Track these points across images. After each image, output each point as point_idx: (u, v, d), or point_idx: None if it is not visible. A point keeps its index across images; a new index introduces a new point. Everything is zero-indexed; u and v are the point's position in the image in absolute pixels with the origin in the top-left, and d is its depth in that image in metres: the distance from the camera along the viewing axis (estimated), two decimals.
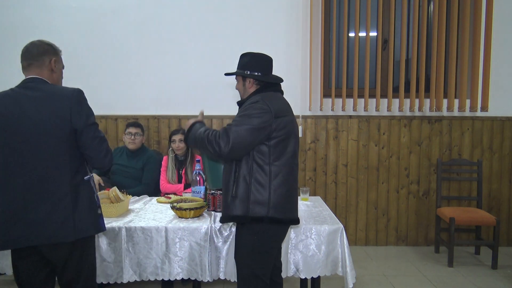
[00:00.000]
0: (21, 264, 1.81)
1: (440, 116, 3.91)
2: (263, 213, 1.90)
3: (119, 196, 2.50)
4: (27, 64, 1.80)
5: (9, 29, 3.82)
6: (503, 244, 3.93)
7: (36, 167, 1.69)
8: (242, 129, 1.85)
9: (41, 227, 1.69)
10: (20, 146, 1.68)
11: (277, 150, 1.92)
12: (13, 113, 1.69)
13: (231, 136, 1.83)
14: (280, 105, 1.97)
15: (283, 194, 1.93)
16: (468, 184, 3.96)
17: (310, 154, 3.95)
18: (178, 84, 3.87)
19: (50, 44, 1.86)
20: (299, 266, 2.30)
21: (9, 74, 3.84)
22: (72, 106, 1.71)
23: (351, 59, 3.90)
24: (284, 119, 1.94)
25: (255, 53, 2.10)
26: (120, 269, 2.25)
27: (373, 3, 3.85)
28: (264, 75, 2.06)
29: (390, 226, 4.00)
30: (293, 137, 1.99)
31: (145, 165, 3.35)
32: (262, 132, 1.88)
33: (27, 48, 1.82)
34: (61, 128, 1.70)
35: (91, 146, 1.77)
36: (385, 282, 3.14)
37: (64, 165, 1.72)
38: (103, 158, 1.81)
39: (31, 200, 1.69)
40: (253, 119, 1.87)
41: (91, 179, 1.85)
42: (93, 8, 3.81)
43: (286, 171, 1.94)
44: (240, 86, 2.12)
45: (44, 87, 1.75)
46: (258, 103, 1.91)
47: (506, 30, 3.82)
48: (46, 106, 1.69)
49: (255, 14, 3.82)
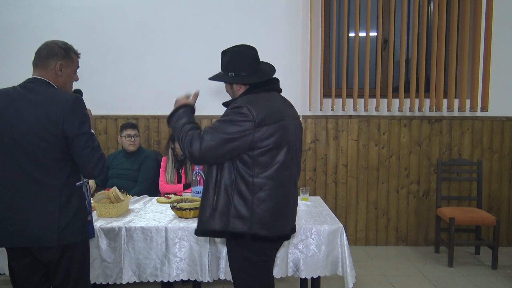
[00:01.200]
0: (15, 265, 1.80)
1: (440, 116, 3.91)
2: (245, 229, 1.73)
3: (119, 196, 2.50)
4: (34, 64, 1.79)
5: (9, 29, 3.82)
6: (503, 244, 3.93)
7: (26, 169, 1.67)
8: (217, 137, 1.67)
9: (25, 229, 1.68)
10: (11, 147, 1.67)
11: (262, 161, 1.72)
12: (7, 113, 1.68)
13: (204, 143, 1.67)
14: (268, 109, 1.73)
15: (268, 209, 1.74)
16: (468, 184, 3.96)
17: (310, 154, 3.95)
18: (178, 84, 3.85)
19: (63, 48, 1.83)
20: (299, 266, 2.30)
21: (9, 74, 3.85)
22: (66, 112, 1.67)
23: (351, 59, 3.90)
24: (271, 126, 1.71)
25: (236, 50, 1.86)
26: (120, 270, 2.25)
27: (373, 3, 3.85)
28: (251, 73, 1.83)
29: (390, 226, 4.00)
30: (284, 146, 1.76)
31: (141, 164, 3.36)
32: (238, 141, 1.68)
33: (39, 49, 1.80)
34: (52, 133, 1.66)
35: (81, 155, 1.72)
36: (385, 282, 3.14)
37: (54, 169, 1.70)
38: (92, 169, 1.75)
39: (19, 201, 1.68)
40: (230, 127, 1.68)
41: (84, 185, 1.81)
42: (93, 8, 3.81)
43: (273, 184, 1.74)
44: (228, 89, 1.93)
45: (43, 90, 1.72)
46: (241, 109, 1.70)
47: (506, 30, 3.82)
48: (40, 109, 1.67)
49: (255, 14, 3.82)
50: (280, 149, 1.75)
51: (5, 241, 1.71)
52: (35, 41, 3.88)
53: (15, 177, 1.68)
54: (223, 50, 1.90)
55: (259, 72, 1.86)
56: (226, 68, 1.86)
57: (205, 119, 3.90)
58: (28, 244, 1.70)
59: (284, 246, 2.26)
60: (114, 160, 3.42)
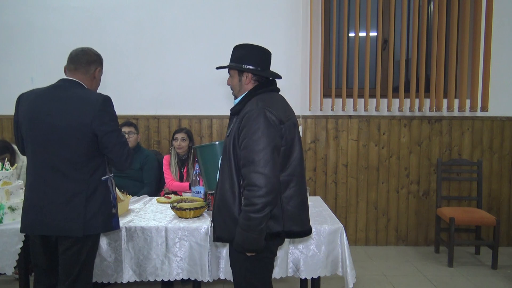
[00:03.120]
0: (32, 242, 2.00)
1: (440, 116, 3.91)
2: (279, 228, 1.74)
3: (119, 196, 2.50)
4: (74, 68, 1.95)
5: (9, 29, 3.83)
6: (503, 244, 3.93)
7: (56, 164, 1.83)
8: (263, 154, 1.62)
9: (55, 219, 1.84)
10: (44, 143, 1.84)
11: (283, 159, 1.73)
12: (41, 111, 1.84)
13: (260, 169, 1.60)
14: (281, 108, 1.77)
15: (296, 205, 1.77)
16: (468, 184, 3.96)
17: (310, 154, 3.95)
18: (178, 84, 3.87)
19: (98, 55, 2.03)
20: (299, 266, 2.30)
21: (9, 74, 3.85)
22: (95, 112, 1.83)
23: (351, 59, 3.90)
24: (286, 124, 1.74)
25: (253, 45, 1.86)
26: (120, 269, 2.25)
27: (373, 3, 3.85)
28: (263, 70, 1.84)
29: (390, 226, 4.00)
30: (297, 142, 1.80)
31: (143, 165, 3.35)
32: (277, 142, 1.67)
33: (76, 54, 1.96)
34: (82, 131, 1.82)
35: (113, 150, 1.90)
36: (385, 282, 3.14)
37: (82, 165, 1.85)
38: (124, 162, 1.94)
39: (50, 193, 1.84)
40: (263, 139, 1.63)
41: (109, 179, 1.96)
42: (93, 8, 3.81)
43: (296, 180, 1.78)
44: (236, 81, 1.88)
45: (76, 90, 1.89)
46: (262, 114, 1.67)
47: (506, 30, 3.82)
48: (71, 108, 1.83)
49: (255, 14, 3.82)
50: (295, 145, 1.79)
51: (35, 229, 1.89)
52: (35, 41, 3.95)
53: (46, 171, 1.84)
54: (237, 44, 1.89)
55: (274, 73, 1.89)
56: (240, 60, 1.83)
57: (205, 119, 3.90)
58: (56, 233, 1.87)
59: (284, 245, 2.26)
60: None
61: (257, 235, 1.65)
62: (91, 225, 1.87)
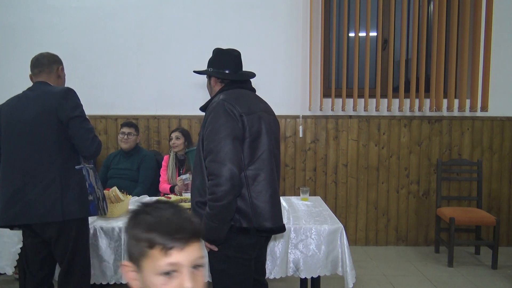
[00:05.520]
0: (27, 242, 2.07)
1: (440, 116, 3.91)
2: (248, 224, 1.70)
3: (119, 196, 2.50)
4: (38, 71, 2.09)
5: (9, 29, 3.83)
6: (503, 244, 3.93)
7: (31, 154, 1.95)
8: (223, 143, 1.63)
9: (33, 207, 1.92)
10: (19, 137, 1.97)
11: (248, 152, 1.72)
12: (17, 111, 2.00)
13: (219, 158, 1.61)
14: (244, 102, 1.76)
15: (266, 200, 1.73)
16: (468, 184, 3.96)
17: (310, 154, 3.95)
18: (178, 84, 3.86)
19: (56, 55, 2.18)
20: (299, 266, 2.30)
21: (9, 74, 3.85)
22: (58, 99, 1.96)
23: (351, 59, 3.90)
24: (250, 117, 1.73)
25: (219, 49, 1.93)
26: (120, 270, 2.25)
27: (373, 3, 3.85)
28: (232, 71, 1.88)
29: (390, 226, 4.00)
30: (265, 135, 1.77)
31: (140, 164, 3.35)
32: (237, 132, 1.68)
33: (36, 59, 2.11)
34: (50, 120, 1.94)
35: (77, 136, 1.98)
36: (385, 282, 3.14)
37: (54, 153, 1.96)
38: (89, 146, 2.01)
39: (27, 183, 1.94)
40: (222, 128, 1.65)
41: (85, 168, 2.06)
42: (93, 8, 3.81)
43: (264, 174, 1.74)
44: (208, 84, 1.98)
45: (43, 88, 2.04)
46: (221, 107, 1.71)
47: (506, 30, 3.82)
48: (39, 102, 1.97)
49: (255, 14, 3.82)
50: (262, 138, 1.76)
51: (18, 218, 1.95)
52: (35, 41, 3.94)
53: (24, 163, 1.95)
54: None
55: (240, 73, 1.93)
56: (209, 64, 1.94)
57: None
58: (37, 220, 1.93)
59: (284, 245, 2.26)
60: (113, 160, 3.42)
61: (217, 224, 1.64)
62: (69, 210, 1.95)
